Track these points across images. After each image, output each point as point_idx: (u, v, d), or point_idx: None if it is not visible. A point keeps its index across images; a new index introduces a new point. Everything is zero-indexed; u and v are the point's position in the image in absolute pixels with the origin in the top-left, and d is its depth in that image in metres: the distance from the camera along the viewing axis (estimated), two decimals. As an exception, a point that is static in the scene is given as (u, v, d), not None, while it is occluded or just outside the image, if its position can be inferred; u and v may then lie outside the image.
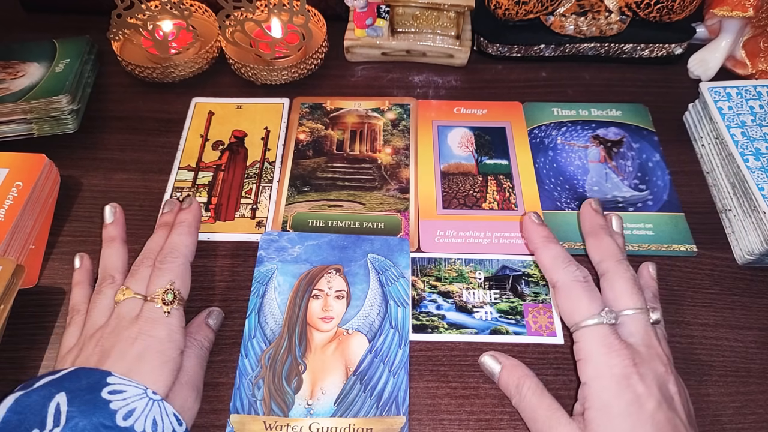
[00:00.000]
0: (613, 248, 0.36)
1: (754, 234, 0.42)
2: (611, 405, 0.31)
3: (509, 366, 0.36)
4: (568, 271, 0.35)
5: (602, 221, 0.38)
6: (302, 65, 0.54)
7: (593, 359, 0.32)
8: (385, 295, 0.41)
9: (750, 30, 0.53)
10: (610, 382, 0.31)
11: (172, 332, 0.34)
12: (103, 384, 0.30)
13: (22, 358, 0.39)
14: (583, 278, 0.35)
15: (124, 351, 0.32)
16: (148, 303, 0.34)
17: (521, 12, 0.54)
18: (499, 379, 0.37)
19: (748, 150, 0.44)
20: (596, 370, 0.32)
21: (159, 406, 0.31)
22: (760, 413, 0.37)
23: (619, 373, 0.31)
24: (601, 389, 0.32)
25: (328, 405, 0.36)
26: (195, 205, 0.41)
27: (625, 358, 0.32)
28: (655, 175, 0.48)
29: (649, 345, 0.33)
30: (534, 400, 0.34)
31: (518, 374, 0.36)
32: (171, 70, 0.54)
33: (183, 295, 0.36)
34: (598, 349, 0.32)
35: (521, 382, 0.35)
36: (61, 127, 0.50)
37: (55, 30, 0.57)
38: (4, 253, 0.41)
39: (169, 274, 0.36)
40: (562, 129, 0.51)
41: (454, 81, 0.56)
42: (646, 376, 0.31)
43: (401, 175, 0.48)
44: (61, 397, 0.29)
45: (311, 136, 0.51)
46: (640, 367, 0.31)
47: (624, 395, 0.31)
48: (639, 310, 0.34)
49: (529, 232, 0.38)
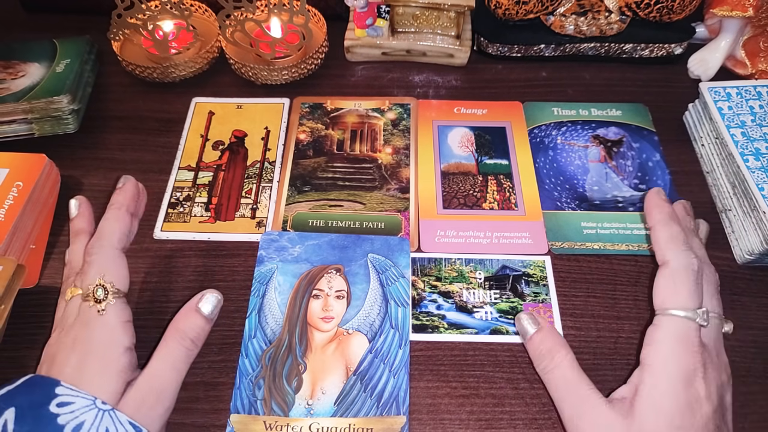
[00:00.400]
0: (697, 247, 0.35)
1: (754, 234, 0.42)
2: (668, 396, 0.30)
3: (547, 329, 0.35)
4: (686, 255, 0.32)
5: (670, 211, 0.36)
6: (302, 65, 0.54)
7: (668, 349, 0.31)
8: (385, 295, 0.41)
9: (750, 30, 0.53)
10: (676, 374, 0.30)
11: (110, 331, 0.32)
12: (52, 396, 0.29)
13: (23, 357, 0.39)
14: (698, 269, 0.32)
15: (64, 358, 0.31)
16: (83, 303, 0.32)
17: (521, 12, 0.54)
18: (531, 339, 0.35)
19: (748, 150, 0.44)
20: (666, 359, 0.31)
21: (110, 416, 0.29)
22: (760, 413, 0.37)
23: (688, 370, 0.30)
24: (662, 378, 0.30)
25: (329, 405, 0.36)
26: (129, 184, 0.37)
27: (699, 360, 0.31)
28: (655, 174, 0.48)
29: (718, 352, 0.32)
30: (569, 373, 0.33)
31: (555, 340, 0.34)
32: (171, 70, 0.54)
33: (118, 287, 0.33)
34: (677, 341, 0.31)
35: (557, 350, 0.34)
36: (62, 127, 0.50)
37: (56, 30, 0.57)
38: (5, 253, 0.41)
39: (95, 266, 0.33)
40: (562, 129, 0.51)
41: (455, 81, 0.56)
42: (711, 381, 0.30)
43: (401, 175, 0.48)
44: (9, 414, 0.28)
45: (311, 135, 0.51)
46: (708, 371, 0.31)
47: (686, 391, 0.30)
48: (718, 316, 0.33)
49: (652, 206, 0.35)
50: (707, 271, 0.34)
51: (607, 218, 0.45)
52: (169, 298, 0.41)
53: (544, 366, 0.34)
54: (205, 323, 0.35)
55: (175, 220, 0.45)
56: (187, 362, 0.34)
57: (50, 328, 0.39)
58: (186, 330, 0.34)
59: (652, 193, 0.36)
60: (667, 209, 0.35)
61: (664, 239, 0.34)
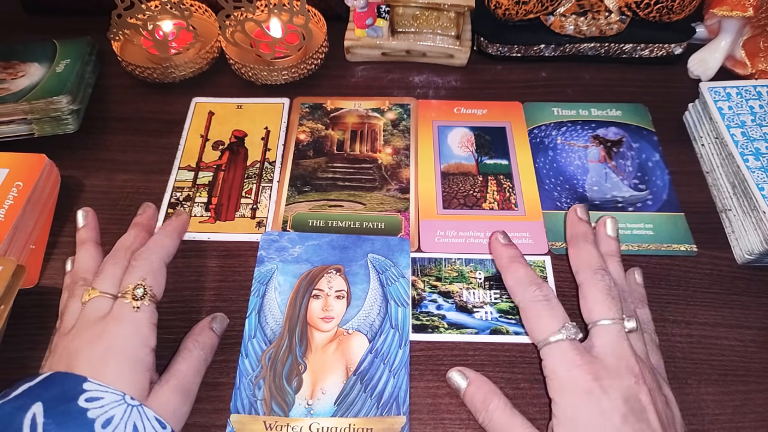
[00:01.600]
0: (589, 258, 0.36)
1: (754, 234, 0.42)
2: (577, 421, 0.31)
3: (477, 381, 0.36)
4: (528, 291, 0.35)
5: (584, 229, 0.38)
6: (302, 65, 0.54)
7: (557, 376, 0.32)
8: (385, 295, 0.41)
9: (750, 30, 0.53)
10: (574, 398, 0.31)
11: (139, 329, 0.33)
12: (80, 391, 0.30)
13: (24, 358, 0.39)
14: (543, 297, 0.35)
15: (88, 352, 0.32)
16: (118, 299, 0.34)
17: (521, 12, 0.54)
18: (464, 394, 0.36)
19: (748, 150, 0.44)
20: (560, 386, 0.32)
21: (138, 412, 0.30)
22: (759, 412, 0.37)
23: (582, 388, 0.31)
24: (566, 406, 0.32)
25: (329, 405, 0.36)
26: (184, 216, 0.42)
27: (587, 372, 0.31)
28: (654, 174, 0.48)
29: (619, 356, 0.32)
30: (504, 418, 0.34)
31: (486, 390, 0.35)
32: (171, 71, 0.54)
33: (155, 293, 0.35)
34: (560, 365, 0.32)
35: (488, 399, 0.35)
36: (62, 128, 0.50)
37: (56, 32, 0.57)
38: (5, 254, 0.41)
39: (141, 270, 0.36)
40: (562, 129, 0.51)
41: (454, 81, 0.56)
42: (610, 390, 0.31)
43: (401, 175, 0.48)
44: (37, 408, 0.29)
45: (311, 136, 0.51)
46: (603, 381, 0.31)
47: (588, 410, 0.31)
48: (612, 320, 0.33)
49: (496, 252, 0.39)
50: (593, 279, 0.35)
51: (607, 218, 0.45)
52: (169, 297, 0.41)
53: (482, 418, 0.35)
54: (216, 339, 0.39)
55: (175, 220, 0.45)
56: (205, 367, 0.37)
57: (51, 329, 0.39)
58: (203, 342, 0.37)
59: (493, 240, 0.39)
60: (508, 253, 0.38)
61: (511, 284, 0.37)
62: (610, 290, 0.34)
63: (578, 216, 0.39)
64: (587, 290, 0.35)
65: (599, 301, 0.34)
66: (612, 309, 0.34)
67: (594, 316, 0.34)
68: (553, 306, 0.34)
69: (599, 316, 0.34)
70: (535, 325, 0.34)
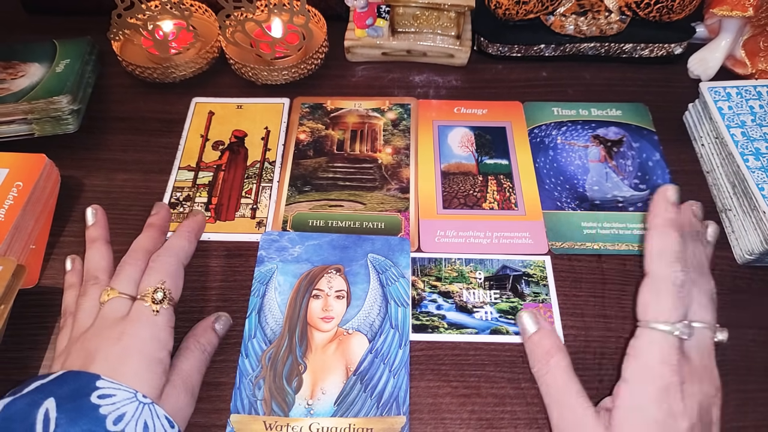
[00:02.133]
0: (701, 258, 0.35)
1: (754, 233, 0.42)
2: (643, 412, 0.30)
3: (547, 331, 0.35)
4: (672, 268, 0.32)
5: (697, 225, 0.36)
6: (302, 65, 0.54)
7: (644, 361, 0.31)
8: (385, 295, 0.41)
9: (750, 29, 0.53)
10: (651, 390, 0.30)
11: (158, 331, 0.34)
12: (92, 388, 0.30)
13: (24, 358, 0.39)
14: (682, 282, 0.32)
15: (107, 352, 0.32)
16: (137, 302, 0.34)
17: (521, 12, 0.54)
18: (530, 339, 0.35)
19: (748, 150, 0.44)
20: (642, 373, 0.31)
21: (150, 410, 0.30)
22: (760, 411, 0.37)
23: (663, 384, 0.30)
24: (638, 392, 0.30)
25: (329, 405, 0.36)
26: (201, 216, 0.42)
27: (676, 374, 0.30)
28: (655, 174, 0.48)
29: (707, 366, 0.31)
30: (562, 378, 0.33)
31: (552, 342, 0.34)
32: (171, 70, 0.54)
33: (173, 296, 0.35)
34: (655, 355, 0.31)
35: (553, 353, 0.34)
36: (62, 128, 0.50)
37: (57, 31, 0.57)
38: (5, 253, 0.41)
39: (160, 273, 0.36)
40: (562, 129, 0.51)
41: (455, 81, 0.56)
42: (690, 396, 0.30)
43: (402, 175, 0.48)
44: (50, 403, 0.29)
45: (312, 136, 0.51)
46: (687, 385, 0.30)
47: (659, 407, 0.30)
48: (708, 326, 0.32)
49: (656, 208, 0.34)
50: (701, 280, 0.34)
51: (607, 218, 0.45)
52: (169, 298, 0.41)
53: (538, 369, 0.34)
54: (218, 340, 0.39)
55: (176, 220, 0.45)
56: (206, 367, 0.37)
57: (51, 328, 0.39)
58: (205, 343, 0.37)
59: (658, 195, 0.34)
60: (668, 216, 0.33)
61: (655, 250, 0.33)
62: (714, 297, 0.34)
63: (696, 214, 0.37)
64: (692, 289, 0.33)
65: (702, 304, 0.33)
66: (711, 316, 0.33)
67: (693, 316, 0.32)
68: (683, 295, 0.32)
69: (698, 318, 0.32)
70: (655, 301, 0.32)
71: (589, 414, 0.31)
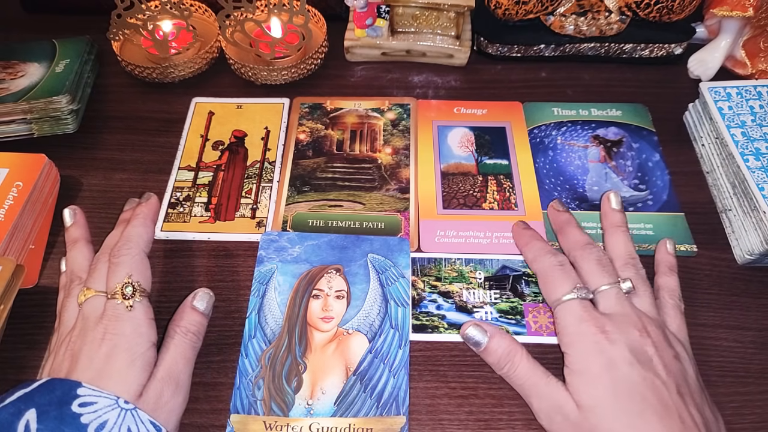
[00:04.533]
0: (575, 237, 0.40)
1: (754, 234, 0.42)
2: (588, 368, 0.33)
3: (498, 334, 0.37)
4: (545, 259, 0.39)
5: (565, 217, 0.42)
6: (302, 65, 0.54)
7: (568, 330, 0.35)
8: (385, 295, 0.41)
9: (750, 30, 0.53)
10: (583, 348, 0.34)
11: (138, 326, 0.33)
12: (73, 396, 0.29)
13: (22, 358, 0.39)
14: (558, 263, 0.38)
15: (92, 353, 0.32)
16: (110, 300, 0.34)
17: (521, 12, 0.54)
18: (486, 348, 0.37)
19: (748, 150, 0.44)
20: (570, 338, 0.35)
21: (132, 415, 0.30)
22: (758, 413, 0.37)
23: (590, 340, 0.34)
24: (576, 356, 0.34)
25: (328, 405, 0.36)
26: (153, 199, 0.41)
27: (594, 326, 0.34)
28: (654, 175, 0.48)
29: (621, 313, 0.35)
30: (529, 369, 0.35)
31: (507, 342, 0.37)
32: (171, 70, 0.54)
33: (144, 286, 0.35)
34: (571, 320, 0.35)
35: (513, 351, 0.36)
36: (61, 127, 0.50)
37: (56, 30, 0.57)
38: (4, 253, 0.41)
39: (124, 267, 0.35)
40: (562, 129, 0.51)
41: (454, 81, 0.56)
42: (616, 342, 0.33)
43: (401, 175, 0.48)
44: (30, 414, 0.28)
45: (311, 136, 0.51)
46: (610, 334, 0.34)
47: (597, 359, 0.33)
48: (609, 285, 0.36)
49: (517, 237, 0.43)
50: (584, 252, 0.38)
51: (606, 218, 0.45)
52: (169, 298, 0.41)
53: (506, 370, 0.36)
54: (202, 318, 0.37)
55: (175, 220, 0.45)
56: (194, 353, 0.36)
57: (50, 329, 0.39)
58: (187, 325, 0.36)
59: (515, 228, 0.43)
60: (528, 233, 0.42)
61: (530, 257, 0.40)
62: (600, 260, 0.38)
63: (555, 209, 0.43)
64: (581, 265, 0.38)
65: (592, 271, 0.37)
66: (605, 275, 0.37)
67: (592, 285, 0.37)
68: (566, 270, 0.38)
69: (596, 284, 0.37)
70: (550, 287, 0.37)
71: (561, 389, 0.34)
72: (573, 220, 0.42)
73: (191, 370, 0.36)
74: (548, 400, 0.34)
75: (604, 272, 0.37)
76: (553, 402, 0.34)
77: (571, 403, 0.33)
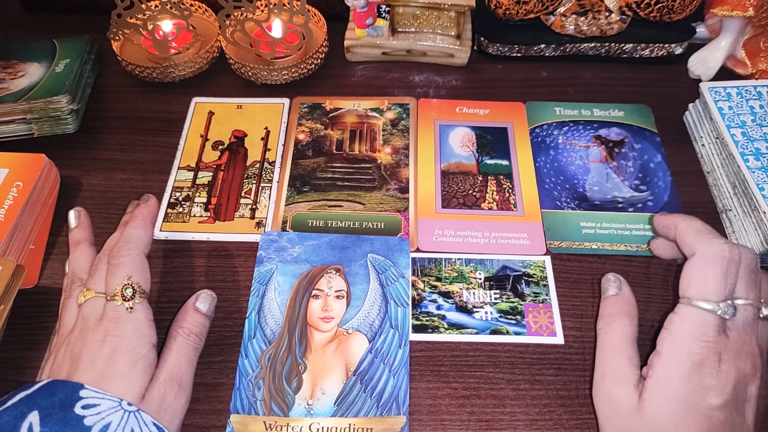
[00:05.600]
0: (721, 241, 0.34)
1: (755, 234, 0.42)
2: (673, 383, 0.30)
3: (622, 297, 0.36)
4: (716, 243, 0.32)
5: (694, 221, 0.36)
6: (302, 65, 0.54)
7: (681, 337, 0.31)
8: (385, 295, 0.41)
9: (750, 30, 0.53)
10: (684, 362, 0.30)
11: (139, 327, 0.33)
12: (76, 398, 0.29)
13: (22, 358, 0.39)
14: (729, 256, 0.32)
15: (93, 354, 0.32)
16: (109, 302, 0.34)
17: (522, 12, 0.54)
18: (604, 299, 0.37)
19: (749, 150, 0.44)
20: (677, 346, 0.31)
21: (136, 417, 0.30)
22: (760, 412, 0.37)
23: (697, 360, 0.30)
24: (671, 363, 0.31)
25: (329, 405, 0.36)
26: (152, 201, 0.40)
27: (712, 351, 0.30)
28: (656, 176, 0.48)
29: (745, 340, 0.31)
30: (615, 341, 0.34)
31: (620, 309, 0.35)
32: (171, 70, 0.54)
33: (144, 288, 0.35)
34: (692, 331, 0.31)
35: (617, 318, 0.35)
36: (61, 127, 0.50)
37: (55, 30, 0.57)
38: (4, 253, 0.41)
39: (124, 268, 0.35)
40: (563, 128, 0.51)
41: (455, 81, 0.56)
42: (725, 372, 0.30)
43: (401, 175, 0.48)
44: (33, 417, 0.28)
45: (310, 136, 0.51)
46: (723, 363, 0.30)
47: (691, 380, 0.30)
48: (752, 302, 0.32)
49: (665, 218, 0.37)
50: (745, 256, 0.33)
51: (606, 218, 0.45)
52: (169, 298, 0.41)
53: (600, 327, 0.36)
54: (205, 320, 0.37)
55: (175, 220, 0.45)
56: (196, 354, 0.36)
57: (50, 329, 0.39)
58: (189, 327, 0.36)
59: (659, 216, 0.38)
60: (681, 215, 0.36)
61: (692, 232, 0.34)
62: (756, 272, 0.33)
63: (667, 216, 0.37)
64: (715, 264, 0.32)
65: (745, 279, 0.32)
66: (754, 292, 0.32)
67: (717, 295, 0.32)
68: (730, 273, 0.32)
69: (739, 294, 0.32)
70: (701, 279, 0.32)
71: (631, 380, 0.32)
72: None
73: (194, 371, 0.35)
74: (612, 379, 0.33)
75: (756, 287, 0.32)
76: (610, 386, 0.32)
77: (634, 398, 0.31)
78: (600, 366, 0.34)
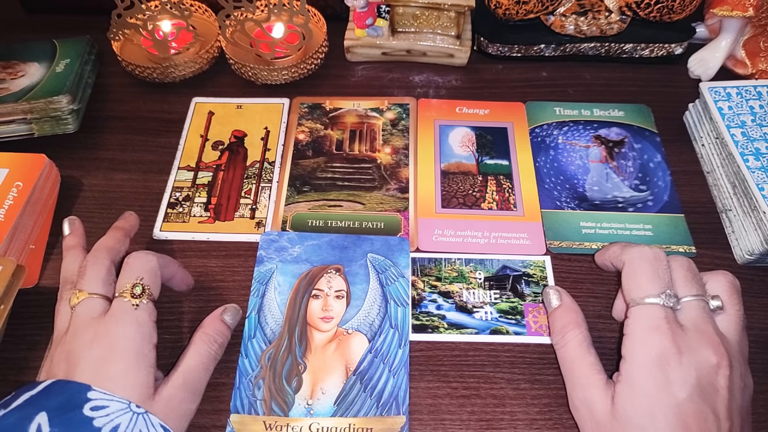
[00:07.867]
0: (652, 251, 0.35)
1: (754, 234, 0.42)
2: (639, 383, 0.31)
3: (566, 307, 0.37)
4: (637, 248, 0.34)
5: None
6: (302, 65, 0.54)
7: (636, 335, 0.32)
8: (385, 295, 0.41)
9: (750, 29, 0.53)
10: (645, 359, 0.31)
11: (141, 326, 0.33)
12: (84, 399, 0.29)
13: (23, 358, 0.39)
14: (653, 257, 0.34)
15: (88, 354, 0.32)
16: (116, 299, 0.34)
17: (521, 12, 0.54)
18: (551, 314, 0.38)
19: (748, 150, 0.44)
20: (636, 345, 0.32)
21: (144, 419, 0.30)
22: (760, 413, 0.37)
23: (656, 354, 0.31)
24: (633, 365, 0.31)
25: (328, 405, 0.36)
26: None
27: (668, 341, 0.31)
28: (656, 176, 0.48)
29: (704, 331, 0.31)
30: (576, 351, 0.34)
31: (569, 319, 0.36)
32: (171, 70, 0.54)
33: (152, 292, 0.35)
34: (645, 326, 0.32)
35: (569, 328, 0.35)
36: (62, 127, 0.50)
37: (56, 30, 0.57)
38: (5, 254, 0.41)
39: (138, 270, 0.35)
40: (563, 128, 0.51)
41: (455, 81, 0.56)
42: (687, 364, 0.30)
43: (401, 175, 0.48)
44: (41, 418, 0.28)
45: (310, 136, 0.51)
46: (684, 356, 0.30)
47: (654, 377, 0.30)
48: (696, 297, 0.33)
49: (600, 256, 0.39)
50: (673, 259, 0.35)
51: (606, 218, 0.45)
52: (169, 298, 0.41)
53: (556, 342, 0.36)
54: (228, 331, 0.38)
55: (175, 220, 0.45)
56: (214, 364, 0.36)
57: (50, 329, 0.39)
58: (214, 335, 0.37)
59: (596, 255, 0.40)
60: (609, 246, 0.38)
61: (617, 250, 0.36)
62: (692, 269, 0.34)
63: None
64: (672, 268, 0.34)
65: (680, 278, 0.33)
66: (694, 286, 0.33)
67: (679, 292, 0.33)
68: (660, 268, 0.33)
69: (681, 293, 0.33)
70: (636, 281, 0.33)
71: (599, 385, 0.32)
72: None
73: (208, 379, 0.36)
74: (582, 391, 0.33)
75: (696, 284, 0.33)
76: (585, 395, 0.33)
77: (606, 403, 0.31)
78: (568, 379, 0.35)
